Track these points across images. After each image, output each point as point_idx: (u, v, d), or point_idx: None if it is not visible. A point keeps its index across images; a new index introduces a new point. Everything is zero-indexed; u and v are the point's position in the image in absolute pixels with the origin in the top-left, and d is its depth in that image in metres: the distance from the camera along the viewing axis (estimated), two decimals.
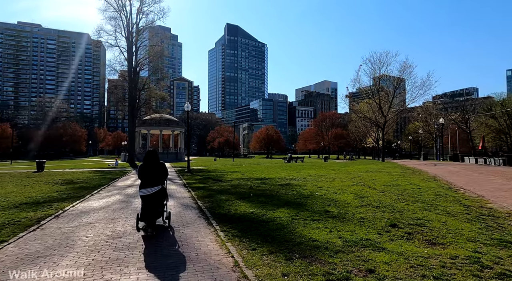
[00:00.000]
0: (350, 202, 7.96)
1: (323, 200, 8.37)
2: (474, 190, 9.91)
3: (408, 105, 32.01)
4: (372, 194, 8.99)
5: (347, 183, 11.77)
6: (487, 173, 14.67)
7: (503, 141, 66.59)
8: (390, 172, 16.01)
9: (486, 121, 62.58)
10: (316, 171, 17.75)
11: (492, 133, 67.98)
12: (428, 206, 7.31)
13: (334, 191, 9.94)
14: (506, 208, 7.30)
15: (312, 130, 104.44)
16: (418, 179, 12.93)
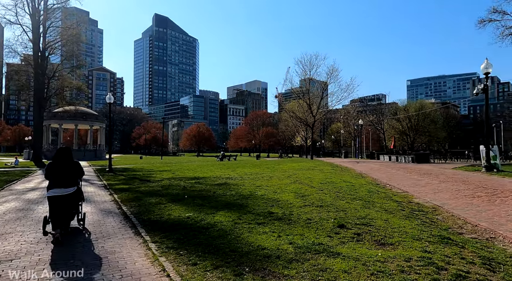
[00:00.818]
0: (293, 201, 7.66)
1: (264, 201, 7.92)
2: (398, 186, 10.67)
3: (334, 106, 34.50)
4: (312, 192, 8.90)
5: (285, 181, 11.63)
6: (403, 169, 16.27)
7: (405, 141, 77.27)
8: (322, 169, 16.62)
9: (393, 123, 71.80)
10: (251, 169, 17.44)
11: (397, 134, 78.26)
12: (366, 203, 7.43)
13: (274, 190, 9.62)
14: (430, 202, 7.86)
15: (243, 128, 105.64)
16: (348, 176, 13.57)
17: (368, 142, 62.28)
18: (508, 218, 5.89)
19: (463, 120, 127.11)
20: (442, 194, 8.69)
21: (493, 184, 9.58)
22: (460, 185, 9.69)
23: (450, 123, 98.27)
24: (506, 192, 7.99)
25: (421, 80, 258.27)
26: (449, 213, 6.73)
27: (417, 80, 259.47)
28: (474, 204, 7.17)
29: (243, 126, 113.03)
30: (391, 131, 77.95)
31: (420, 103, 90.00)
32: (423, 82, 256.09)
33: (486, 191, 8.41)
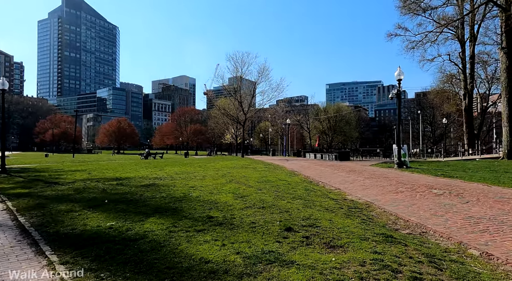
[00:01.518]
0: (233, 203, 7.14)
1: (201, 203, 7.22)
2: (330, 183, 11.07)
3: (265, 105, 35.19)
4: (251, 192, 8.51)
5: (220, 181, 11.03)
6: (330, 167, 17.21)
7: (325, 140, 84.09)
8: (256, 168, 16.50)
9: (315, 124, 77.38)
10: (181, 168, 16.34)
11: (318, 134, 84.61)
12: (307, 202, 7.34)
13: (210, 191, 8.95)
14: (362, 199, 8.21)
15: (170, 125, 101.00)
16: (282, 174, 13.66)
17: (293, 140, 65.71)
18: (431, 212, 6.37)
19: (371, 122, 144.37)
20: (370, 190, 9.22)
21: (408, 180, 10.60)
22: (383, 181, 10.48)
23: (361, 125, 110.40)
24: (421, 187, 8.83)
25: (338, 84, 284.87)
26: (381, 209, 7.05)
27: (334, 84, 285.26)
28: (400, 199, 7.70)
29: (169, 123, 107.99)
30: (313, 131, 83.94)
31: (337, 106, 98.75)
32: (339, 86, 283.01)
33: (405, 186, 9.19)
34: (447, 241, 4.85)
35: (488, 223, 5.37)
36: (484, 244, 4.52)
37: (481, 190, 8.26)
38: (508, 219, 5.46)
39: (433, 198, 7.49)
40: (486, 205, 6.43)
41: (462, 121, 45.03)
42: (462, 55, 35.50)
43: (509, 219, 5.45)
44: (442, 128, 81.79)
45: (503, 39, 20.43)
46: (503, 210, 6.03)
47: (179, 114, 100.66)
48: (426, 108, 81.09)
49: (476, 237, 4.82)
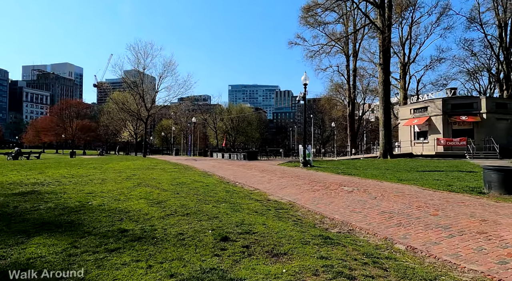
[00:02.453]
0: (148, 211, 6.08)
1: (107, 213, 5.91)
2: (247, 183, 10.86)
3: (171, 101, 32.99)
4: (168, 197, 7.50)
5: (126, 184, 9.50)
6: (242, 167, 17.17)
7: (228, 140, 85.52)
8: (165, 168, 15.09)
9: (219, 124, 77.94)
10: (70, 171, 13.60)
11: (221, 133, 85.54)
12: (233, 205, 6.86)
13: (115, 197, 7.52)
14: (284, 199, 8.23)
15: (49, 119, 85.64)
16: (196, 175, 12.81)
17: (196, 140, 64.38)
18: (350, 209, 6.76)
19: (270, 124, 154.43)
20: (288, 190, 9.37)
21: (318, 178, 11.31)
22: (297, 180, 10.87)
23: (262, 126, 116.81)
24: (333, 185, 9.47)
25: (239, 86, 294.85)
26: (305, 208, 7.15)
27: (236, 86, 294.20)
28: (318, 198, 8.00)
29: (48, 117, 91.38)
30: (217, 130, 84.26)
31: (240, 107, 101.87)
32: (241, 88, 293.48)
33: (319, 184, 9.71)
34: (374, 237, 5.10)
35: (399, 217, 5.94)
36: (404, 238, 4.91)
37: (379, 186, 9.34)
38: (412, 212, 6.15)
39: (346, 195, 8.04)
40: (391, 200, 7.21)
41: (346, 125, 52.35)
42: (347, 68, 41.12)
43: (413, 212, 6.15)
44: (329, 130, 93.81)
45: (381, 56, 24.46)
46: (404, 204, 6.83)
47: (62, 107, 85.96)
48: (316, 113, 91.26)
49: (395, 231, 5.22)
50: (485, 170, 8.46)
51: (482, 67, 41.99)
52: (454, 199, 7.20)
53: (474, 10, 37.35)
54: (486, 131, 24.41)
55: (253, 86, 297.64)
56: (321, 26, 38.19)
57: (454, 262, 3.89)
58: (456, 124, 25.64)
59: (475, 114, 24.94)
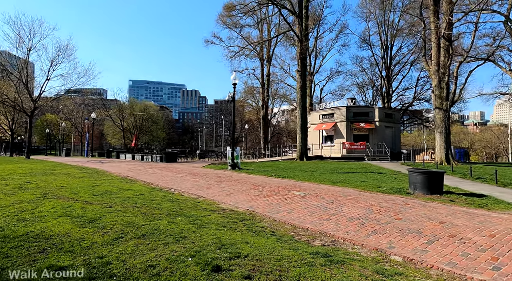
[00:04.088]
0: (82, 235, 4.47)
1: (16, 242, 4.10)
2: (185, 190, 9.61)
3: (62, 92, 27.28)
4: (99, 212, 5.79)
5: (23, 196, 7.08)
6: (165, 170, 15.39)
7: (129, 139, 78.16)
8: (69, 173, 12.18)
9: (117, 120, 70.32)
10: None
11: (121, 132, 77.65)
12: (192, 219, 5.73)
13: (16, 216, 5.43)
14: (239, 207, 7.47)
15: None
16: (116, 181, 10.68)
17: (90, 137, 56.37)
18: (316, 216, 6.49)
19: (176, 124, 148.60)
20: (236, 196, 8.62)
21: (258, 181, 10.89)
22: (239, 185, 10.20)
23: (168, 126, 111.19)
24: (281, 189, 9.17)
25: (142, 82, 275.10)
26: (269, 218, 6.56)
27: (138, 81, 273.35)
28: (275, 204, 7.53)
29: None
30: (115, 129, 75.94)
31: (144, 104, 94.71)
32: (144, 84, 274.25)
33: (265, 189, 9.27)
34: (363, 248, 4.87)
35: (370, 223, 5.90)
36: (391, 247, 4.82)
37: (323, 189, 9.50)
38: (377, 218, 6.24)
39: (301, 200, 7.80)
40: (347, 205, 7.27)
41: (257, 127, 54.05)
42: (262, 72, 42.50)
43: (378, 217, 6.25)
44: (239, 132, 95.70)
45: (299, 63, 25.94)
46: (363, 208, 6.94)
47: None
48: (226, 114, 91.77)
49: (378, 240, 5.11)
50: (411, 172, 9.48)
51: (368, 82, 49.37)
52: (396, 201, 7.73)
53: (365, 32, 43.71)
54: (378, 137, 28.65)
55: (157, 83, 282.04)
56: (238, 28, 38.51)
57: (459, 273, 3.91)
58: (356, 130, 29.29)
59: (371, 121, 29.00)
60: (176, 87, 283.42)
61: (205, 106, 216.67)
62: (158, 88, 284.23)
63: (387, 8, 39.68)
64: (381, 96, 43.98)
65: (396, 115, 33.05)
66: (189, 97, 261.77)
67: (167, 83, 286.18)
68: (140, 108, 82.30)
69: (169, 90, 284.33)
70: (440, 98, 19.81)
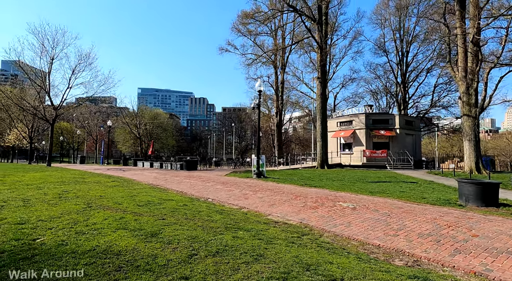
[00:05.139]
0: (152, 251, 4.16)
1: (86, 259, 3.81)
2: (223, 200, 9.28)
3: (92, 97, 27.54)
4: (154, 225, 5.49)
5: (68, 207, 6.84)
6: (191, 178, 15.10)
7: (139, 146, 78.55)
8: (100, 181, 11.98)
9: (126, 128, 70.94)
10: None
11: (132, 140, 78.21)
12: (254, 234, 5.39)
13: (72, 228, 5.15)
14: (291, 219, 7.11)
15: None
16: (150, 190, 10.42)
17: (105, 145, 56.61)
18: (381, 231, 6.09)
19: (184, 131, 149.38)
20: (280, 207, 8.26)
21: (295, 191, 10.52)
22: (277, 195, 9.85)
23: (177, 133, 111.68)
24: (325, 200, 8.79)
25: (151, 90, 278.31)
26: (329, 232, 6.17)
27: (147, 89, 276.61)
28: (327, 217, 7.15)
29: None
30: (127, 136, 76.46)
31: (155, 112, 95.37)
32: (152, 92, 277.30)
33: (308, 200, 8.89)
34: (456, 271, 4.42)
35: (447, 241, 5.35)
36: (487, 269, 4.34)
37: (368, 200, 9.09)
38: (451, 234, 5.78)
39: (353, 212, 7.41)
40: (407, 218, 6.84)
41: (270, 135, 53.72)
42: (276, 79, 42.39)
43: (452, 234, 5.79)
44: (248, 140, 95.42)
45: (319, 70, 25.69)
46: (428, 222, 6.50)
47: None
48: (236, 122, 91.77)
49: (467, 262, 4.53)
50: (462, 183, 9.01)
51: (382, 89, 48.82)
52: (456, 215, 7.27)
53: (380, 39, 43.42)
54: (399, 144, 28.07)
55: (166, 91, 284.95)
56: (252, 36, 38.62)
57: None
58: (376, 137, 28.76)
59: (391, 129, 28.46)
60: (184, 95, 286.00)
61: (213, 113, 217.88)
62: (167, 95, 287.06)
63: (402, 14, 39.41)
64: (397, 103, 43.40)
65: (416, 123, 32.45)
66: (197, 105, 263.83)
67: (175, 91, 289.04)
68: (150, 116, 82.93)
69: (177, 97, 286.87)
70: (469, 105, 19.30)
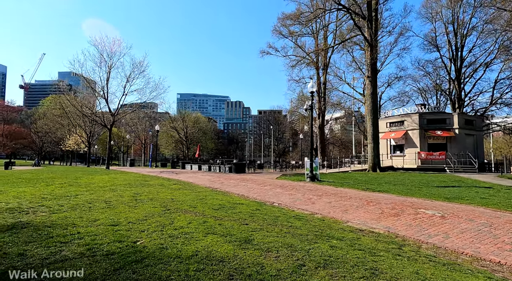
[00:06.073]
0: (255, 259, 3.98)
1: (193, 265, 3.73)
2: (291, 205, 9.00)
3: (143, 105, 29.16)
4: (242, 230, 5.36)
5: (146, 209, 6.98)
6: (245, 181, 14.98)
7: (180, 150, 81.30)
8: (163, 184, 12.35)
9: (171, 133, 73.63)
10: (39, 189, 10.25)
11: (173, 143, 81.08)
12: (348, 243, 5.04)
13: (161, 231, 5.17)
14: (375, 228, 6.63)
15: None
16: (214, 193, 10.49)
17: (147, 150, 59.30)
18: (492, 245, 5.43)
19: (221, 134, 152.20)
20: (355, 214, 7.79)
21: (356, 195, 9.96)
22: (344, 200, 9.38)
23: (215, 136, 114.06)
24: (404, 207, 8.17)
25: (189, 95, 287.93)
26: (427, 243, 5.60)
27: (186, 94, 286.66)
28: (413, 225, 6.57)
29: None
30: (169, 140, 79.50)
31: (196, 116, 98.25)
32: (191, 97, 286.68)
33: (384, 206, 8.33)
34: None
35: None
36: None
37: (454, 208, 8.30)
38: None
39: (443, 221, 6.74)
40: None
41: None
42: (318, 80, 41.52)
43: None
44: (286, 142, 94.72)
45: (369, 69, 24.64)
46: None
47: None
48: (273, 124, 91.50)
49: None
50: None
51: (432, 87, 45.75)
52: None
53: (430, 34, 40.73)
54: (458, 146, 25.95)
55: (203, 95, 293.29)
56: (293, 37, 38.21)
57: None
58: (431, 138, 26.87)
59: (449, 129, 26.42)
60: (220, 99, 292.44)
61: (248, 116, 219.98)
62: (204, 100, 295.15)
63: (456, 6, 36.67)
64: (451, 101, 40.40)
65: (478, 122, 29.77)
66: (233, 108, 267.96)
67: (211, 95, 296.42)
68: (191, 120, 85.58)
69: (214, 102, 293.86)
70: None
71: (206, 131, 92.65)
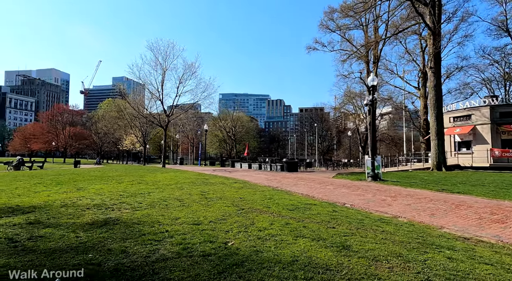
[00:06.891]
0: (378, 273, 3.56)
1: (303, 273, 3.37)
2: (364, 206, 8.37)
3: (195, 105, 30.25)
4: (335, 234, 4.95)
5: (222, 208, 6.88)
6: (303, 180, 14.57)
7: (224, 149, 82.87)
8: (224, 183, 12.33)
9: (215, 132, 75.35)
10: (113, 186, 10.81)
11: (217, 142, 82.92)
12: (466, 255, 4.39)
13: (253, 235, 4.94)
14: (478, 235, 5.83)
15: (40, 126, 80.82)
16: (277, 192, 10.24)
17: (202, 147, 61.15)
18: None
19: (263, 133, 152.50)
20: (446, 218, 6.98)
21: (435, 197, 9.02)
22: (423, 202, 8.53)
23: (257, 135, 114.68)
24: (496, 210, 7.15)
25: (230, 95, 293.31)
26: None
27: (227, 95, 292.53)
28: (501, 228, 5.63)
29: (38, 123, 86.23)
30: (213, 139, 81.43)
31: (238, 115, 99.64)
32: (232, 97, 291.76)
33: (475, 209, 7.38)
34: None
35: None
36: None
37: None
38: None
39: None
40: None
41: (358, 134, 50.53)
42: (367, 75, 39.50)
43: None
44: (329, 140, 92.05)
45: (431, 59, 22.71)
46: None
47: (53, 113, 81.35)
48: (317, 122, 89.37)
49: None
50: None
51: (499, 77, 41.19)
52: None
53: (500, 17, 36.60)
54: None
55: (243, 95, 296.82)
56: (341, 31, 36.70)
57: None
58: (506, 133, 24.02)
59: None
60: (261, 98, 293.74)
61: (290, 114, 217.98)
62: (245, 99, 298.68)
63: None
64: None
65: None
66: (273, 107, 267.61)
67: (252, 94, 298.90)
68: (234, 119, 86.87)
69: (255, 101, 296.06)
70: None
71: (249, 130, 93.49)
